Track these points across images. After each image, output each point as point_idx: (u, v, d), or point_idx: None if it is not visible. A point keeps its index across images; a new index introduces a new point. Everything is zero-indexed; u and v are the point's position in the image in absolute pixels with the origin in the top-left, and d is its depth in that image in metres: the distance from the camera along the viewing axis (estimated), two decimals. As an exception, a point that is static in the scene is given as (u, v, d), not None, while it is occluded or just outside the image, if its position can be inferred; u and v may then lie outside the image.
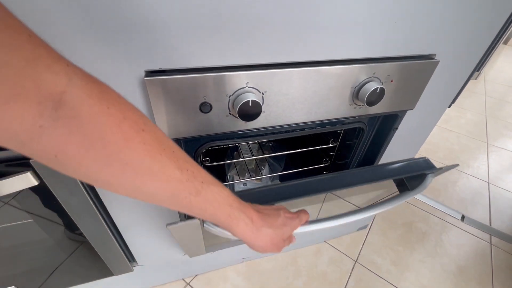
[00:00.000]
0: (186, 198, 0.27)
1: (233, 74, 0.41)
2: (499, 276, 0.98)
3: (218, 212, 0.30)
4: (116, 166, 0.22)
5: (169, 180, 0.25)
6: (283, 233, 0.37)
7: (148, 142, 0.23)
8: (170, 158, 0.25)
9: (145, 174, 0.24)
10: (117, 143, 0.21)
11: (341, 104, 0.51)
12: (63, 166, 0.21)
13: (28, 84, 0.17)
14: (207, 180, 0.29)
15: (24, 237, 0.55)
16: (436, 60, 0.52)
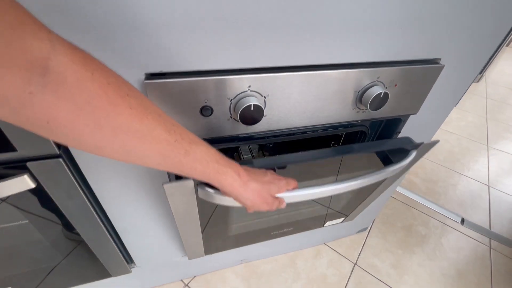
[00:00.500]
0: (176, 158, 0.28)
1: (234, 77, 0.40)
2: (498, 280, 0.97)
3: (207, 170, 0.32)
4: (106, 130, 0.23)
5: (158, 142, 0.26)
6: (270, 189, 0.39)
7: (134, 106, 0.24)
8: (157, 121, 0.26)
9: (135, 137, 0.25)
10: (105, 108, 0.22)
11: (344, 108, 0.51)
12: (56, 133, 0.22)
13: (15, 51, 0.17)
14: (194, 141, 0.30)
15: (20, 237, 0.55)
16: (441, 64, 0.51)
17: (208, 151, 0.32)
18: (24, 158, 0.39)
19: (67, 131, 0.22)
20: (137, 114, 0.24)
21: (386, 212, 1.18)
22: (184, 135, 0.29)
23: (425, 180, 1.38)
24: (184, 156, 0.29)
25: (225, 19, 0.35)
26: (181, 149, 0.28)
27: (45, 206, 0.50)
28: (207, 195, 0.43)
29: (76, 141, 0.23)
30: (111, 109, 0.23)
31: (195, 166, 0.30)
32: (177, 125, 0.29)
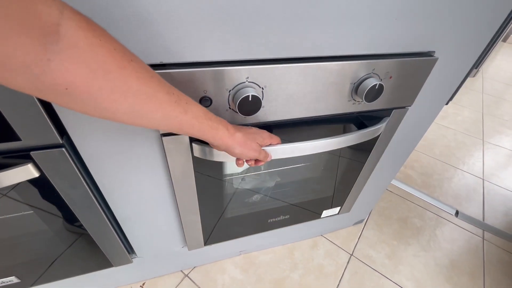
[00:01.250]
0: (177, 117, 0.32)
1: (233, 68, 0.41)
2: (490, 270, 1.00)
3: (202, 126, 0.35)
4: (118, 93, 0.25)
5: (162, 103, 0.29)
6: (255, 138, 0.44)
7: (139, 70, 0.26)
8: (159, 84, 0.29)
9: (142, 99, 0.27)
10: (115, 71, 0.24)
11: (340, 100, 0.52)
12: (74, 99, 0.23)
13: (30, 17, 0.18)
14: (190, 101, 0.33)
15: (23, 228, 0.56)
16: (435, 57, 0.52)
17: (202, 109, 0.35)
18: (28, 147, 0.40)
19: (84, 96, 0.23)
20: (143, 78, 0.27)
21: (382, 205, 1.20)
22: (181, 96, 0.32)
23: (421, 174, 1.40)
24: (184, 115, 0.32)
25: (224, 10, 0.36)
26: (181, 108, 0.31)
27: (46, 198, 0.51)
28: (201, 151, 0.49)
29: (92, 107, 0.25)
30: (121, 72, 0.24)
31: (192, 123, 0.34)
32: (174, 88, 0.32)
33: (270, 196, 0.79)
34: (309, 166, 0.78)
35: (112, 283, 0.83)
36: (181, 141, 0.47)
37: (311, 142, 0.53)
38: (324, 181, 0.80)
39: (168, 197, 0.60)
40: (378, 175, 0.82)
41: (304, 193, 0.81)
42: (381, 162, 0.77)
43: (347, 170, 0.76)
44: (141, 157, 0.49)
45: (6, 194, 0.47)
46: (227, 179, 0.67)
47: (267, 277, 0.91)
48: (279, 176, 0.81)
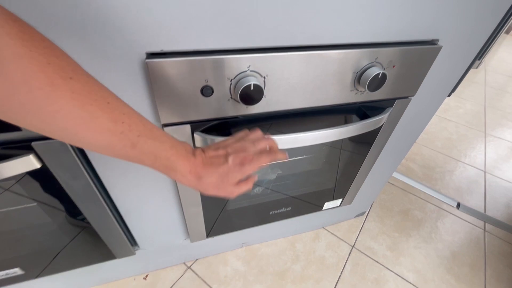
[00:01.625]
0: (122, 150, 0.27)
1: (235, 57, 0.40)
2: (491, 261, 1.00)
3: (155, 165, 0.30)
4: (44, 113, 0.22)
5: (101, 132, 0.25)
6: (229, 179, 0.35)
7: (77, 90, 0.23)
8: (103, 109, 0.25)
9: (75, 123, 0.23)
10: (43, 89, 0.21)
11: (342, 90, 0.51)
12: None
13: None
14: (145, 134, 0.28)
15: (26, 221, 0.56)
16: (439, 45, 0.51)
17: (159, 146, 0.30)
18: (29, 138, 0.40)
19: (4, 109, 0.21)
20: (80, 99, 0.23)
21: (384, 197, 1.21)
22: (134, 126, 0.27)
23: (422, 167, 1.40)
24: (131, 149, 0.28)
25: (224, -4, 0.35)
26: (128, 141, 0.27)
27: (48, 190, 0.51)
28: (203, 142, 0.47)
29: (13, 120, 0.22)
30: (50, 91, 0.21)
31: (142, 159, 0.29)
32: (130, 114, 0.27)
33: (271, 188, 0.79)
34: (311, 159, 0.77)
35: (115, 275, 0.84)
36: (183, 131, 0.47)
37: (314, 132, 0.53)
38: (326, 173, 0.79)
39: (171, 189, 0.60)
40: (379, 167, 0.82)
41: (306, 186, 0.81)
42: (383, 154, 0.76)
43: (349, 162, 0.75)
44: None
45: (7, 189, 0.47)
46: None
47: (269, 269, 0.91)
48: (280, 168, 0.80)
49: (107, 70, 0.37)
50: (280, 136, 0.50)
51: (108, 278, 0.84)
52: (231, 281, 0.88)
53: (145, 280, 0.86)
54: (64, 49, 0.33)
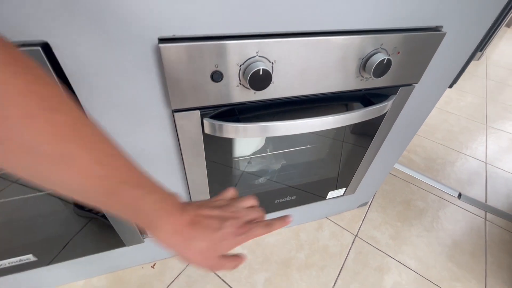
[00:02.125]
0: (96, 197, 0.23)
1: (244, 42, 0.41)
2: (492, 248, 1.02)
3: (136, 219, 0.26)
4: (12, 145, 0.19)
5: (80, 171, 0.22)
6: (219, 249, 0.30)
7: (58, 124, 0.20)
8: (86, 148, 0.22)
9: (47, 161, 0.20)
10: (17, 120, 0.18)
11: (347, 76, 0.52)
12: None
13: None
14: (129, 181, 0.25)
15: (38, 209, 0.58)
16: (443, 32, 0.52)
17: (143, 197, 0.25)
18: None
19: None
20: (61, 135, 0.20)
21: (386, 188, 1.22)
22: (118, 171, 0.24)
23: (424, 158, 1.41)
24: (107, 197, 0.23)
25: (235, -19, 0.36)
26: (105, 187, 0.23)
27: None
28: (213, 128, 0.49)
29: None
30: (26, 123, 0.19)
31: (121, 210, 0.25)
32: (117, 157, 0.24)
33: (276, 177, 0.80)
34: (314, 148, 0.79)
35: (124, 264, 0.86)
36: (192, 117, 0.48)
37: (318, 118, 0.54)
38: (329, 163, 0.81)
39: (179, 176, 0.61)
40: (382, 157, 0.83)
41: (310, 175, 0.82)
42: (386, 143, 0.77)
43: (352, 151, 0.77)
44: (153, 133, 0.50)
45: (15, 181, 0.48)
46: (236, 160, 0.69)
47: (273, 258, 0.93)
48: (284, 159, 0.82)
49: (120, 55, 0.38)
50: (286, 122, 0.51)
51: (117, 266, 0.85)
52: (237, 269, 0.89)
53: (153, 269, 0.87)
54: (78, 33, 0.34)
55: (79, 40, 0.35)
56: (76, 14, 0.33)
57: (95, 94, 0.41)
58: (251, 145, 0.71)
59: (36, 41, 0.34)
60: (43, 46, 0.34)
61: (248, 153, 0.71)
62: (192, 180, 0.61)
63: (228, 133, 0.50)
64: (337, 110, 0.60)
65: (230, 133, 0.50)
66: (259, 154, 0.82)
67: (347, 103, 0.61)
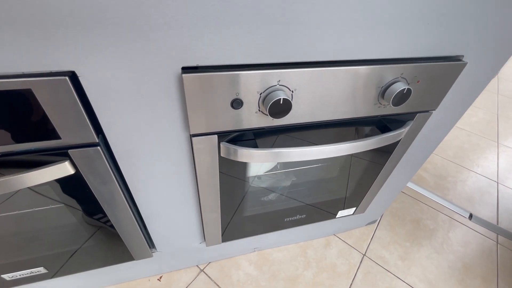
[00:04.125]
0: None
1: (265, 72, 0.41)
2: (504, 274, 1.00)
3: None
4: None
5: None
6: None
7: None
8: None
9: None
10: None
11: (366, 104, 0.52)
12: None
13: None
14: None
15: (50, 221, 0.58)
16: (464, 62, 0.52)
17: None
18: (67, 145, 0.41)
19: None
20: None
21: (395, 206, 1.20)
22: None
23: (434, 176, 1.39)
24: None
25: (258, 14, 0.36)
26: None
27: (71, 192, 0.52)
28: (227, 151, 0.50)
29: None
30: None
31: None
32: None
33: (286, 195, 0.79)
34: (326, 167, 0.78)
35: (130, 276, 0.86)
36: (210, 142, 0.48)
37: (334, 145, 0.53)
38: (341, 181, 0.80)
39: (192, 195, 0.61)
40: (395, 177, 0.82)
41: (321, 193, 0.81)
42: (400, 164, 0.76)
43: (365, 172, 0.76)
44: (170, 156, 0.50)
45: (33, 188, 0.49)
46: (248, 178, 0.68)
47: (280, 275, 0.92)
48: (295, 175, 0.81)
49: (145, 82, 0.39)
50: (301, 149, 0.51)
51: (123, 278, 0.85)
52: (244, 285, 0.89)
53: (159, 281, 0.87)
54: (104, 62, 0.35)
55: (105, 68, 0.36)
56: (103, 43, 0.33)
57: (117, 118, 0.41)
58: (265, 165, 0.71)
59: (64, 70, 0.34)
60: (70, 75, 0.35)
61: (261, 173, 0.71)
62: (204, 199, 0.61)
63: (243, 158, 0.50)
64: (353, 134, 0.60)
65: (245, 157, 0.50)
66: (270, 172, 0.82)
67: (363, 128, 0.61)
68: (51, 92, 0.35)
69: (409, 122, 0.60)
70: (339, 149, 0.54)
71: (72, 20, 0.30)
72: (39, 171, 0.41)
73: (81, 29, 0.31)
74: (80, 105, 0.37)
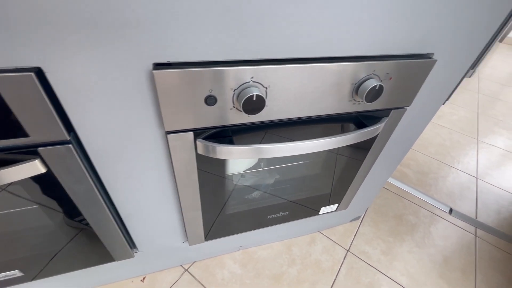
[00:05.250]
0: None
1: (238, 68, 0.42)
2: (482, 266, 1.03)
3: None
4: None
5: None
6: None
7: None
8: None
9: None
10: None
11: (340, 100, 0.53)
12: None
13: None
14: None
15: (26, 222, 0.57)
16: (434, 59, 0.53)
17: None
18: (36, 143, 0.41)
19: None
20: None
21: (379, 202, 1.23)
22: None
23: (417, 172, 1.43)
24: None
25: (229, 11, 0.36)
26: None
27: (50, 193, 0.51)
28: (205, 148, 0.49)
29: None
30: None
31: None
32: None
33: (269, 193, 0.80)
34: (308, 164, 0.79)
35: (113, 277, 0.85)
36: (185, 139, 0.48)
37: (311, 141, 0.54)
38: (323, 178, 0.81)
39: (171, 194, 0.61)
40: (375, 173, 0.84)
41: (303, 190, 0.82)
42: (379, 160, 0.78)
43: (345, 168, 0.77)
44: (146, 153, 0.50)
45: (4, 189, 0.48)
46: (229, 175, 0.68)
47: (265, 272, 0.93)
48: (278, 173, 0.82)
49: (116, 79, 0.38)
50: (279, 145, 0.52)
51: (106, 280, 0.84)
52: (228, 283, 0.89)
53: (142, 282, 0.86)
54: (72, 58, 0.34)
55: (73, 64, 0.35)
56: (70, 39, 0.33)
57: (89, 116, 0.41)
58: (244, 163, 0.71)
59: (29, 66, 0.34)
60: (36, 71, 0.34)
61: (241, 170, 0.71)
62: (184, 197, 0.60)
63: (222, 155, 0.50)
64: (331, 131, 0.61)
65: (223, 154, 0.50)
66: (253, 170, 0.82)
67: (341, 124, 0.62)
68: (16, 89, 0.34)
69: (384, 118, 0.61)
70: (315, 144, 0.55)
71: (36, 14, 0.30)
72: (7, 170, 0.40)
73: (46, 23, 0.31)
74: (48, 102, 0.36)
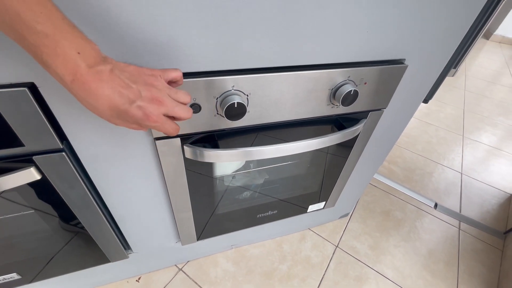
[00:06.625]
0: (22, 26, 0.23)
1: (220, 78, 0.45)
2: (464, 257, 1.08)
3: (26, 34, 0.24)
4: None
5: None
6: (127, 105, 0.28)
7: None
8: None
9: None
10: None
11: (319, 104, 0.57)
12: None
13: None
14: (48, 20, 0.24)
15: (23, 227, 0.59)
16: (405, 65, 0.57)
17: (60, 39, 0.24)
18: (31, 152, 0.43)
19: None
20: None
21: (367, 199, 1.27)
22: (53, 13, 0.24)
23: (404, 169, 1.47)
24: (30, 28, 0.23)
25: (207, 27, 0.39)
26: None
27: (45, 199, 0.54)
28: (192, 153, 0.52)
29: None
30: None
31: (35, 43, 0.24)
32: None
33: (259, 192, 0.83)
34: (295, 164, 0.82)
35: (109, 278, 0.87)
36: (173, 144, 0.51)
37: (293, 143, 0.58)
38: (310, 177, 0.85)
39: (162, 196, 0.64)
40: (360, 171, 0.88)
41: (291, 189, 0.86)
42: (362, 159, 0.82)
43: (331, 167, 0.81)
44: (136, 159, 0.53)
45: (1, 195, 0.50)
46: (218, 177, 0.72)
47: (257, 269, 0.96)
48: (267, 173, 0.85)
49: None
50: (262, 147, 0.55)
51: (102, 281, 0.87)
52: (221, 281, 0.92)
53: (138, 283, 0.89)
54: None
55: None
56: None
57: (80, 125, 0.44)
58: (232, 165, 0.74)
59: (23, 82, 0.37)
60: (30, 86, 0.37)
61: (230, 172, 0.74)
62: (175, 199, 0.63)
63: (208, 158, 0.53)
64: (312, 133, 0.64)
65: (210, 158, 0.53)
66: (243, 171, 0.86)
67: (321, 126, 0.65)
68: (11, 103, 0.37)
69: (362, 120, 0.65)
70: (298, 146, 0.58)
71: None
72: (4, 178, 0.43)
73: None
74: (42, 114, 0.39)
